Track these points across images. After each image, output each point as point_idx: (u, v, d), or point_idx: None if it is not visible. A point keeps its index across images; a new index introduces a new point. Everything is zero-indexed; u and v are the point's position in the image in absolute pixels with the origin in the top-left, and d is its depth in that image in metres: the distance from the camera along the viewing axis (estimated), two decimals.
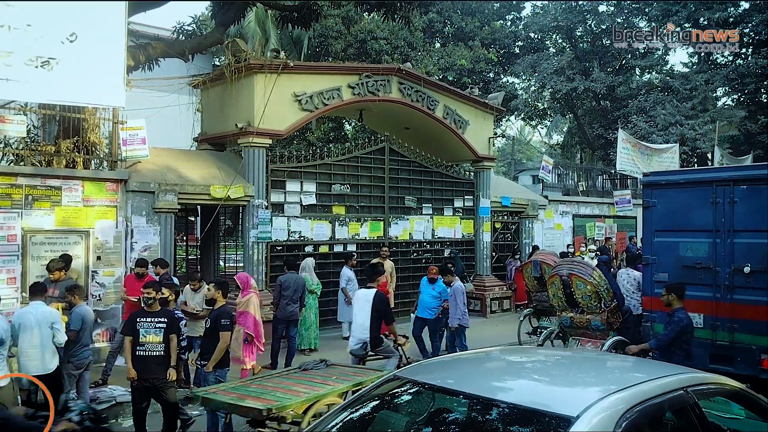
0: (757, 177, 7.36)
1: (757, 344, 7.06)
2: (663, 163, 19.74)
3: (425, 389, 3.44)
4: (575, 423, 2.68)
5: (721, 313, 7.43)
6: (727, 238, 7.43)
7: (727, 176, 7.68)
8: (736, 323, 7.31)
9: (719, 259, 7.50)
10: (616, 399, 2.89)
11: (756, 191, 7.23)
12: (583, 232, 18.45)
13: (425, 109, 13.66)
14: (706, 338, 7.52)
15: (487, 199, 15.07)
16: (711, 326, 7.51)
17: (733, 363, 7.24)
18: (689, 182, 8.09)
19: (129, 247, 9.98)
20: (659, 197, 8.18)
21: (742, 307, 7.26)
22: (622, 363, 4.65)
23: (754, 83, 25.35)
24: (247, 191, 11.07)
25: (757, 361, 7.02)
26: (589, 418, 2.71)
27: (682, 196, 7.97)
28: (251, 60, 11.13)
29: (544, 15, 28.28)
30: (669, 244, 8.00)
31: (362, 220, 12.89)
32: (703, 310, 7.57)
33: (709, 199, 7.58)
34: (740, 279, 7.30)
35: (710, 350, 7.46)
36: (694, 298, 7.52)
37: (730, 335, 7.36)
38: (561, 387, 3.42)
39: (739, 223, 7.35)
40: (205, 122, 12.67)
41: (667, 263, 8.00)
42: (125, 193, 9.98)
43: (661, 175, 9.08)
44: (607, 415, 2.76)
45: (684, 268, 7.76)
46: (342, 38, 22.00)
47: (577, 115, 30.93)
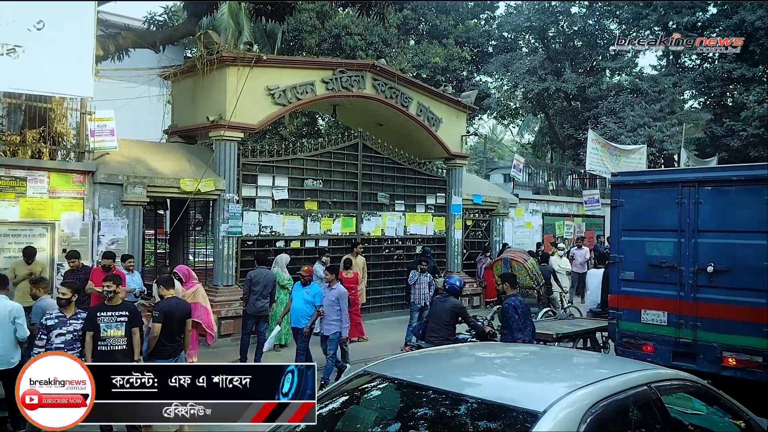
0: (722, 178, 7.50)
1: (719, 342, 7.21)
2: (631, 163, 20.09)
3: (395, 385, 3.46)
4: (542, 418, 2.73)
5: (684, 312, 7.54)
6: (692, 238, 7.53)
7: (692, 177, 7.78)
8: (699, 321, 7.43)
9: (684, 259, 7.58)
10: (581, 394, 2.95)
11: (720, 192, 7.37)
12: (553, 230, 18.71)
13: (399, 105, 13.68)
14: (670, 336, 7.64)
15: (459, 196, 15.16)
16: (675, 324, 7.62)
17: (695, 360, 7.38)
18: (656, 183, 8.18)
19: (96, 240, 9.81)
20: (627, 197, 8.25)
21: (705, 305, 7.40)
22: (588, 359, 4.77)
23: (720, 87, 25.96)
24: (218, 185, 10.96)
25: (718, 359, 7.17)
26: (555, 413, 2.76)
27: (648, 197, 8.05)
28: (223, 52, 11.01)
29: (517, 15, 28.55)
30: (635, 243, 8.08)
31: (334, 216, 12.86)
32: (668, 308, 7.69)
33: (675, 199, 7.66)
34: (704, 278, 7.40)
35: (674, 348, 7.59)
36: (659, 297, 7.74)
37: (693, 333, 7.48)
38: (528, 382, 3.48)
39: (703, 223, 7.46)
40: (176, 114, 12.50)
41: (633, 262, 8.08)
42: (92, 185, 9.79)
43: (628, 175, 9.17)
44: (573, 410, 2.81)
45: (650, 267, 7.87)
46: (316, 33, 21.88)
47: (549, 115, 31.31)
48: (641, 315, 7.91)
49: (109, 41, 11.31)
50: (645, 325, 7.89)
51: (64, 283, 6.44)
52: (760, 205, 6.96)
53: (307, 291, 8.78)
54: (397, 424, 3.33)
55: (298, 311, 8.79)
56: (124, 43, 11.53)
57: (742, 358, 7.01)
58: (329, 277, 8.82)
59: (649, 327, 7.85)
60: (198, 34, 11.77)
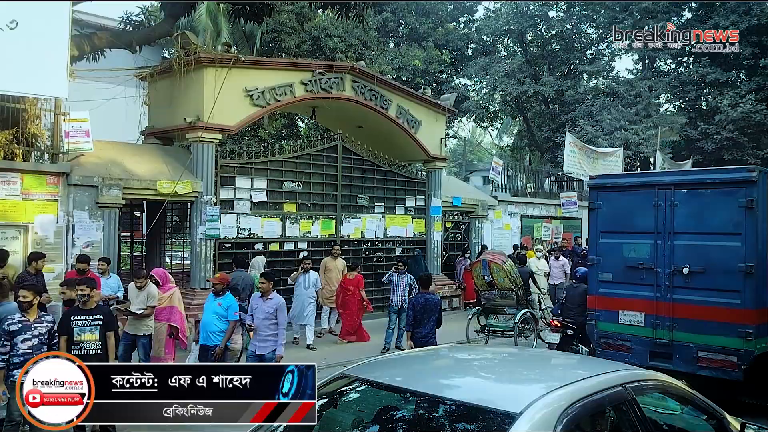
0: (697, 181, 7.64)
1: (694, 342, 7.34)
2: (608, 166, 20.32)
3: (373, 387, 3.45)
4: (518, 419, 2.75)
5: (661, 312, 7.66)
6: (668, 240, 7.65)
7: (668, 180, 7.92)
8: (676, 322, 7.55)
9: (660, 260, 7.71)
10: (557, 395, 2.97)
11: (696, 195, 7.51)
12: (531, 232, 18.83)
13: (378, 108, 13.68)
14: (647, 336, 7.75)
15: (439, 198, 15.20)
16: (652, 324, 7.73)
17: (672, 360, 7.50)
18: (633, 185, 8.31)
19: (70, 242, 9.65)
20: (604, 199, 8.35)
21: (681, 306, 7.52)
22: (565, 360, 4.80)
23: (695, 91, 26.39)
24: (196, 187, 10.86)
25: (694, 358, 7.30)
26: (532, 414, 2.79)
27: (626, 199, 8.17)
28: (201, 53, 10.92)
29: (496, 18, 28.74)
30: (613, 245, 8.17)
31: (314, 218, 12.81)
32: (645, 309, 7.81)
33: (652, 202, 7.77)
34: (679, 279, 7.53)
35: (651, 348, 7.70)
36: (636, 298, 7.86)
37: (669, 333, 7.58)
38: (505, 384, 3.51)
39: (679, 225, 7.59)
40: (153, 116, 12.36)
41: (611, 263, 8.17)
42: (67, 186, 9.64)
43: (606, 178, 9.28)
44: (549, 411, 2.84)
45: (627, 269, 7.97)
46: (296, 34, 21.81)
47: (527, 118, 31.56)
48: (619, 316, 8.02)
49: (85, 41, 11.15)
50: (623, 326, 7.99)
51: (25, 285, 6.26)
52: (734, 208, 7.10)
53: (219, 303, 7.54)
54: (375, 426, 3.32)
55: (207, 325, 7.50)
56: (99, 43, 11.37)
57: (717, 357, 7.12)
58: (265, 287, 7.53)
59: (627, 327, 7.94)
60: (175, 35, 11.64)
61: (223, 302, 7.51)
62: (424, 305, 8.37)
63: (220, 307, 7.48)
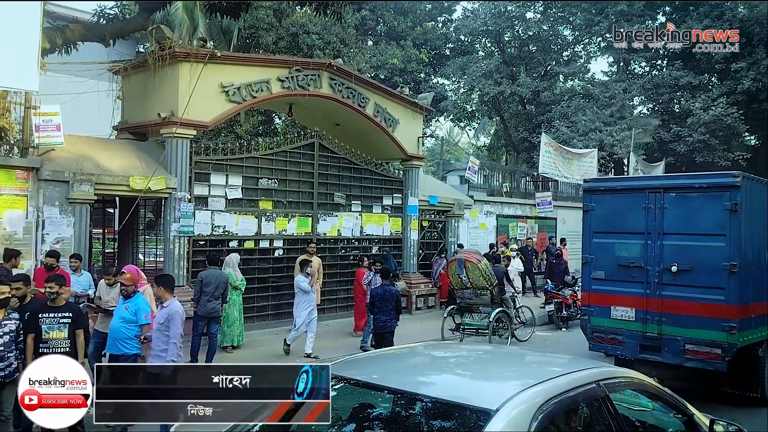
0: (685, 186, 8.15)
1: (682, 335, 7.82)
2: (582, 167, 20.54)
3: (350, 385, 3.44)
4: (494, 416, 2.79)
5: (650, 308, 8.12)
6: (658, 240, 8.11)
7: (658, 184, 8.40)
8: (664, 317, 8.02)
9: (650, 259, 8.17)
10: (532, 393, 3.02)
11: (684, 198, 8.00)
12: (506, 231, 18.96)
13: (356, 106, 13.64)
14: (637, 330, 8.22)
15: (416, 197, 15.22)
16: (642, 319, 8.20)
17: (660, 352, 7.98)
18: (625, 189, 8.82)
19: (40, 238, 9.46)
20: (598, 202, 8.81)
21: (669, 302, 8.00)
22: (539, 358, 4.86)
23: (668, 93, 26.82)
24: (169, 183, 10.72)
25: (682, 351, 7.78)
26: (508, 411, 2.82)
27: (618, 201, 8.63)
28: (176, 48, 10.77)
29: (474, 18, 28.89)
30: (606, 245, 8.63)
31: (290, 216, 12.73)
32: (635, 305, 8.27)
33: (642, 204, 8.23)
34: (668, 277, 7.99)
35: (641, 341, 8.17)
36: (627, 294, 8.36)
37: (658, 327, 8.04)
38: (481, 381, 3.54)
39: (668, 226, 8.05)
40: (126, 110, 12.17)
41: (604, 262, 8.64)
42: (37, 181, 9.44)
43: (600, 181, 9.75)
44: (525, 408, 2.88)
45: (619, 267, 8.43)
46: (273, 31, 21.64)
47: (504, 119, 31.78)
48: (611, 311, 8.53)
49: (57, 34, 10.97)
50: (614, 321, 8.48)
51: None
52: (719, 211, 7.61)
53: (127, 306, 6.75)
54: (351, 424, 3.34)
55: (115, 332, 6.68)
56: (72, 36, 11.19)
57: (703, 350, 7.64)
58: (157, 291, 6.57)
59: (618, 322, 8.43)
60: (150, 29, 11.48)
61: (131, 305, 6.72)
62: (382, 295, 9.23)
63: (127, 311, 6.69)
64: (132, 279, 6.90)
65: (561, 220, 20.82)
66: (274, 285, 12.46)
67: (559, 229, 20.53)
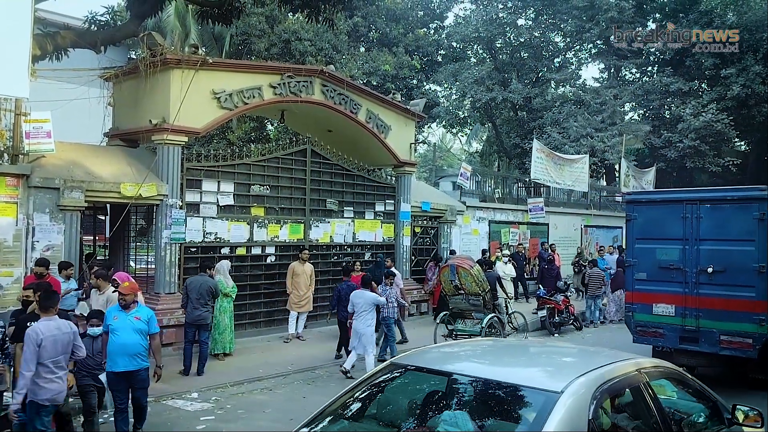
0: (718, 198, 9.28)
1: (717, 328, 8.89)
2: (574, 173, 20.63)
3: (423, 373, 4.01)
4: (561, 396, 3.25)
5: (689, 304, 9.20)
6: (695, 245, 9.20)
7: (695, 197, 9.50)
8: (701, 312, 9.08)
9: (688, 262, 9.24)
10: (589, 378, 3.49)
11: (717, 209, 9.11)
12: (499, 237, 18.99)
13: (348, 112, 13.66)
14: (677, 324, 9.29)
15: (408, 203, 15.24)
16: (681, 314, 9.28)
17: (698, 343, 9.08)
18: (665, 201, 9.91)
19: (30, 246, 9.40)
20: (639, 212, 9.90)
21: (705, 299, 9.07)
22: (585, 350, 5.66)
23: (658, 100, 27.00)
24: (161, 190, 10.68)
25: (717, 341, 8.87)
26: (571, 392, 3.30)
27: (658, 212, 9.72)
28: (168, 54, 10.75)
29: (465, 25, 28.99)
30: (647, 250, 9.70)
31: (282, 222, 12.72)
32: (675, 302, 9.35)
33: (681, 214, 9.32)
34: (704, 277, 9.06)
35: (680, 333, 9.26)
36: (667, 293, 9.43)
37: (696, 321, 9.13)
38: (543, 369, 4.10)
39: (703, 233, 9.13)
40: (117, 117, 12.14)
41: (645, 265, 9.71)
42: (27, 188, 9.39)
43: (640, 194, 11.13)
44: (584, 391, 3.36)
45: (659, 269, 9.50)
46: (265, 37, 21.68)
47: (496, 125, 31.88)
48: (653, 308, 9.61)
49: (47, 40, 10.90)
50: (656, 316, 9.56)
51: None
52: (749, 220, 8.69)
53: (137, 316, 6.47)
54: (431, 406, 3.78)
55: (129, 347, 6.31)
56: (63, 42, 11.12)
57: (736, 340, 8.72)
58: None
59: (660, 317, 9.50)
60: (141, 35, 11.44)
61: (141, 314, 6.49)
62: (346, 291, 10.31)
63: (139, 321, 6.41)
64: (131, 288, 6.66)
65: (553, 225, 20.87)
66: (266, 292, 12.44)
67: (551, 235, 20.58)
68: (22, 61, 8.32)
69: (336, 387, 9.24)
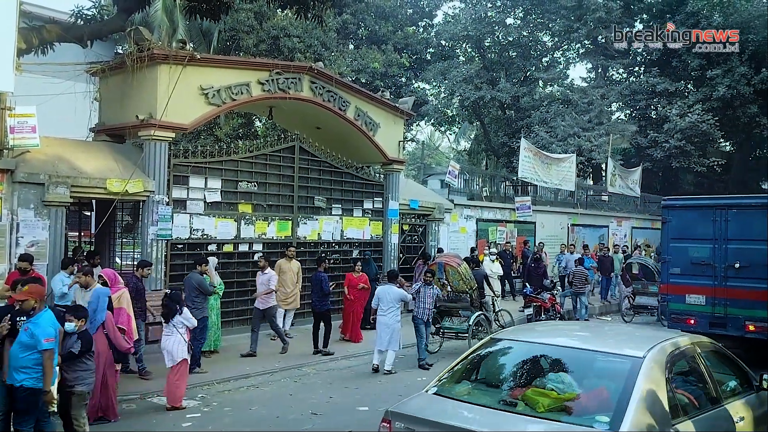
0: (743, 204, 10.93)
1: (743, 315, 10.42)
2: (561, 172, 20.74)
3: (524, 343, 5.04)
4: (644, 360, 4.28)
5: (718, 295, 10.75)
6: (723, 245, 10.73)
7: (723, 203, 11.12)
8: (728, 301, 10.62)
9: (717, 258, 10.76)
10: (662, 347, 4.55)
11: (744, 213, 10.67)
12: (486, 235, 19.05)
13: (336, 109, 13.63)
14: (707, 312, 10.84)
15: (396, 201, 15.24)
16: (711, 304, 10.83)
17: (726, 328, 10.56)
18: (696, 206, 11.56)
19: (14, 242, 9.30)
20: (673, 215, 11.52)
21: (732, 290, 10.57)
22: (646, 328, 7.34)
23: (645, 100, 27.19)
24: (147, 186, 10.61)
25: (743, 326, 10.37)
26: (651, 357, 4.34)
27: (690, 215, 11.30)
28: (155, 49, 10.66)
29: (455, 24, 29.04)
30: (681, 248, 11.26)
31: (269, 219, 12.68)
32: (706, 293, 10.88)
33: (711, 218, 10.86)
34: (732, 272, 10.58)
35: (710, 320, 10.76)
36: (698, 285, 10.96)
37: (724, 309, 10.69)
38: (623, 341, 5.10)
39: (731, 234, 10.64)
40: (104, 112, 12.02)
41: (679, 261, 11.26)
42: (11, 184, 9.29)
43: (675, 200, 12.52)
44: (660, 356, 4.41)
45: (692, 265, 11.02)
46: (254, 33, 21.58)
47: (484, 123, 31.96)
48: (685, 298, 11.14)
49: (33, 34, 10.80)
50: (688, 305, 11.09)
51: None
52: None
53: (26, 327, 5.58)
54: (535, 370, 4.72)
55: (12, 358, 5.56)
56: (48, 36, 11.02)
57: (759, 325, 10.16)
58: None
59: (691, 306, 11.03)
60: (128, 30, 11.35)
61: (30, 326, 5.53)
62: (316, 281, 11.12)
63: (26, 333, 5.53)
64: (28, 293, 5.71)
65: (540, 224, 20.97)
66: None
67: (538, 233, 20.68)
68: (7, 55, 8.27)
69: (323, 385, 9.26)
